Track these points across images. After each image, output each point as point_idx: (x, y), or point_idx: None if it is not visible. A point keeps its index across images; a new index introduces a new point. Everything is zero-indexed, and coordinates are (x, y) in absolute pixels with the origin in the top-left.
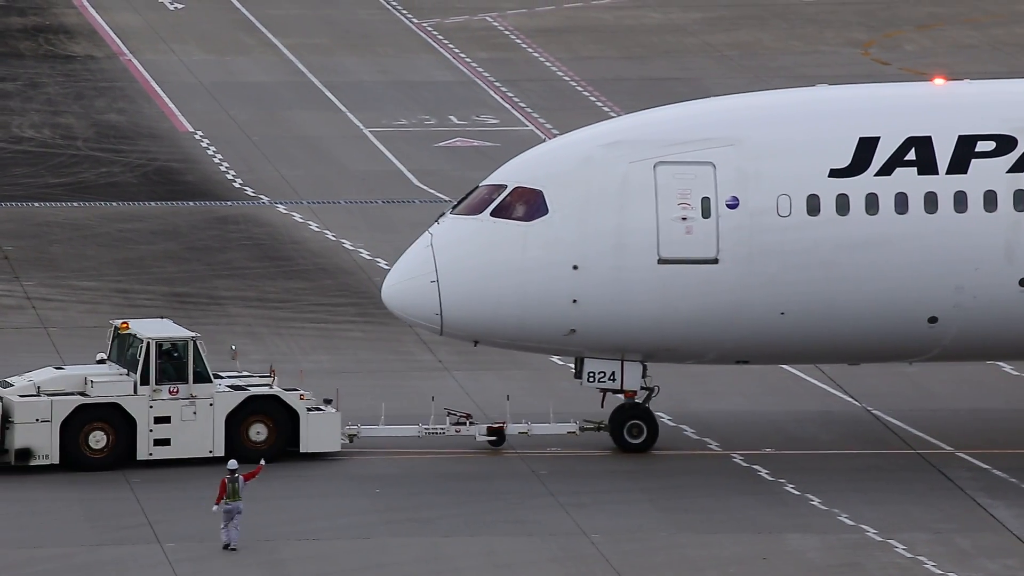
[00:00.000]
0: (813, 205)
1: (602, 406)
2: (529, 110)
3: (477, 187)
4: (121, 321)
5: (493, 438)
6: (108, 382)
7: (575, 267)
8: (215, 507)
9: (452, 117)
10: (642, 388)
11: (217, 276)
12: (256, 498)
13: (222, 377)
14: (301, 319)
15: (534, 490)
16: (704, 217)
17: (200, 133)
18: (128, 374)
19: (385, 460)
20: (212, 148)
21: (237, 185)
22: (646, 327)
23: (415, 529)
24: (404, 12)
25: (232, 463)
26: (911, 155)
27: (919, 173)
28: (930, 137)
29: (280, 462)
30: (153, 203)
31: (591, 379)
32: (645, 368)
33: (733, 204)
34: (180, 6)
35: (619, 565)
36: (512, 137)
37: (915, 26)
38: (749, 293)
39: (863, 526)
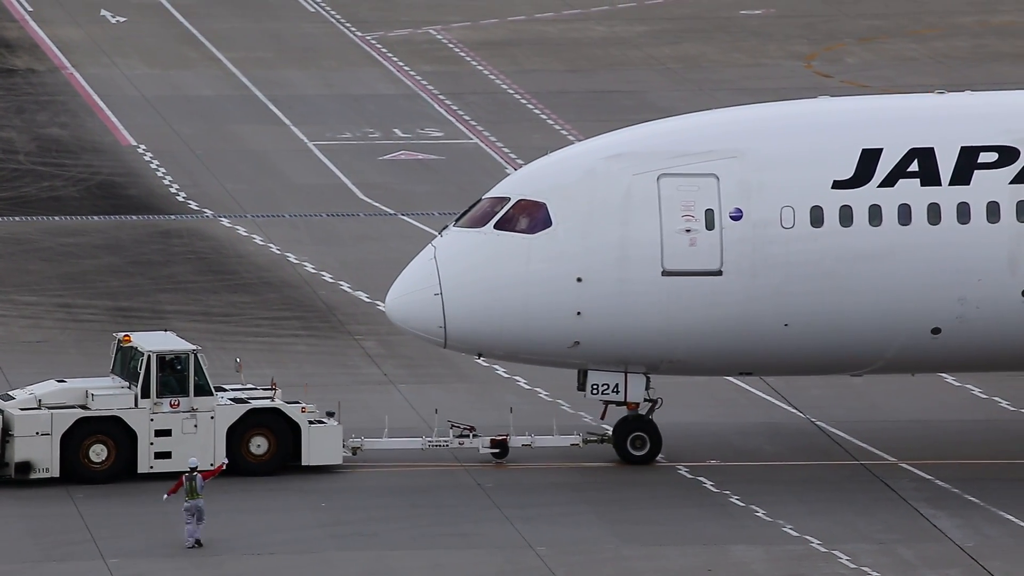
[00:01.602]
0: (816, 217)
1: (602, 418)
2: (474, 123)
3: (480, 199)
4: (123, 334)
5: (496, 451)
6: (109, 395)
7: (579, 279)
8: (165, 497)
9: (396, 130)
10: (645, 400)
11: (161, 290)
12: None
13: (225, 390)
14: (245, 333)
15: (480, 503)
16: (708, 229)
17: (143, 147)
18: (130, 387)
19: (331, 474)
20: (155, 162)
21: (181, 199)
22: (650, 339)
23: (361, 543)
24: (348, 25)
25: (192, 461)
26: (914, 166)
27: (922, 184)
28: (933, 148)
29: (231, 476)
30: (96, 217)
31: (595, 391)
32: (648, 380)
33: (737, 216)
34: (122, 19)
35: None
36: (457, 150)
37: (857, 39)
38: (753, 305)
39: (807, 537)
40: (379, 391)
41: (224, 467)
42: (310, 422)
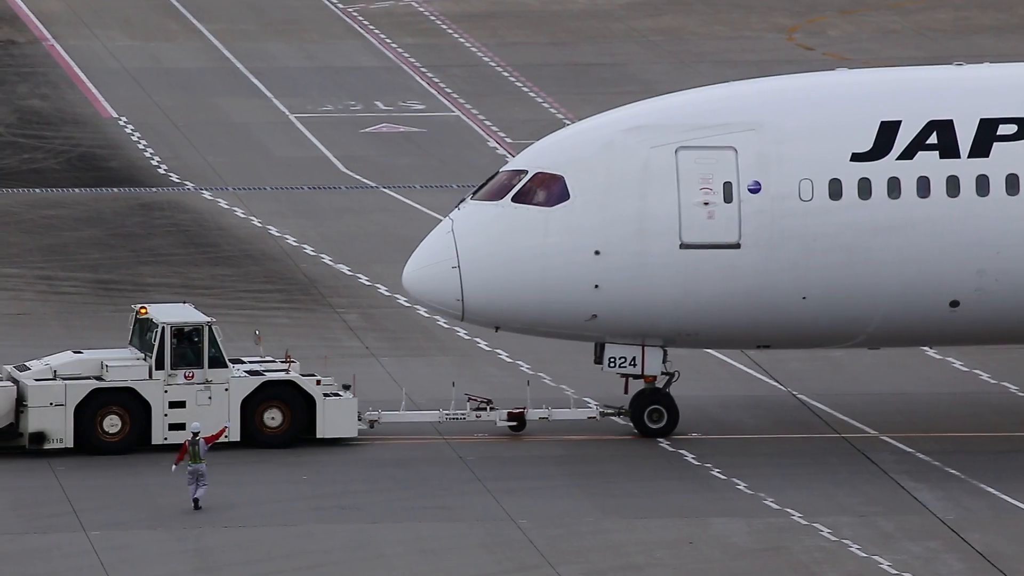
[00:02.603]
0: (835, 189)
1: (625, 392)
2: (455, 96)
3: (498, 172)
4: (140, 305)
5: (514, 423)
6: (123, 367)
7: (597, 252)
8: (174, 467)
9: (378, 103)
10: (662, 373)
11: (142, 263)
12: (181, 486)
13: (243, 362)
14: (227, 306)
15: (461, 476)
16: (726, 202)
17: (124, 119)
18: (145, 359)
19: (313, 447)
20: (137, 134)
21: (162, 171)
22: (668, 312)
23: (342, 516)
24: None
25: (195, 425)
26: (933, 139)
27: (941, 157)
28: (952, 120)
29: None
30: (77, 189)
31: (612, 364)
32: (665, 353)
33: (755, 189)
34: None
35: (546, 550)
36: (438, 123)
37: (839, 12)
38: (771, 278)
39: (788, 510)
40: (361, 364)
41: (226, 431)
42: (325, 395)
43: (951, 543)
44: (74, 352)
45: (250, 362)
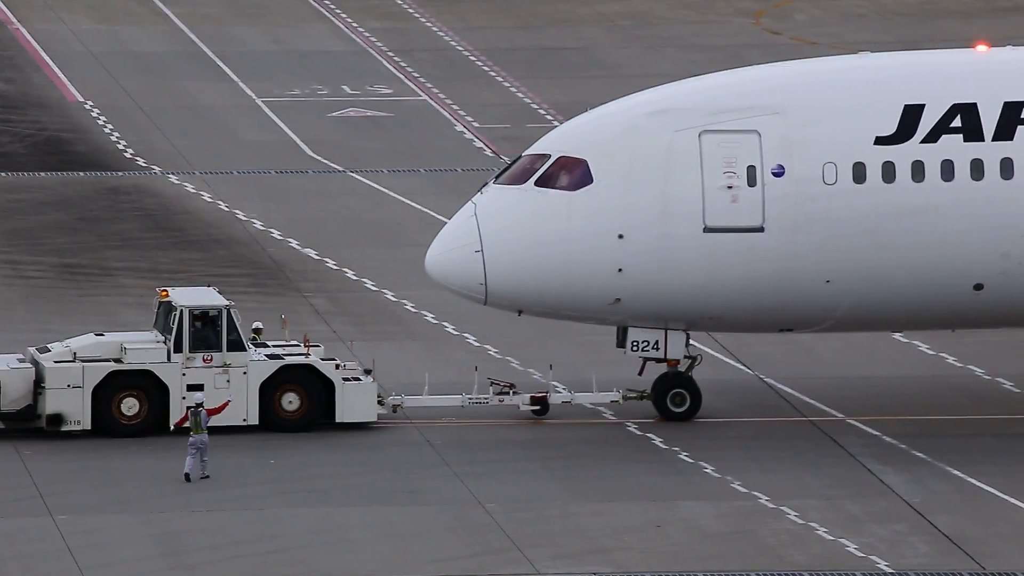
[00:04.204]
0: (859, 173)
1: (640, 375)
2: (422, 80)
3: (520, 156)
4: (162, 288)
5: (537, 407)
6: (142, 349)
7: (620, 236)
8: (172, 426)
9: (345, 87)
10: (685, 357)
11: (108, 247)
12: (149, 470)
13: (267, 346)
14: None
15: (429, 460)
16: (750, 185)
17: (90, 103)
18: (166, 342)
19: (280, 432)
20: (103, 118)
21: (128, 155)
22: (691, 296)
23: (309, 500)
24: None
25: (198, 396)
26: (956, 122)
27: (965, 140)
28: (975, 104)
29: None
30: (43, 173)
31: (635, 348)
32: (688, 337)
33: (779, 172)
34: None
35: (514, 534)
36: (405, 107)
37: None
38: (795, 261)
39: (756, 493)
40: (329, 349)
41: (228, 403)
42: (345, 379)
43: (917, 526)
44: (96, 334)
45: (274, 346)
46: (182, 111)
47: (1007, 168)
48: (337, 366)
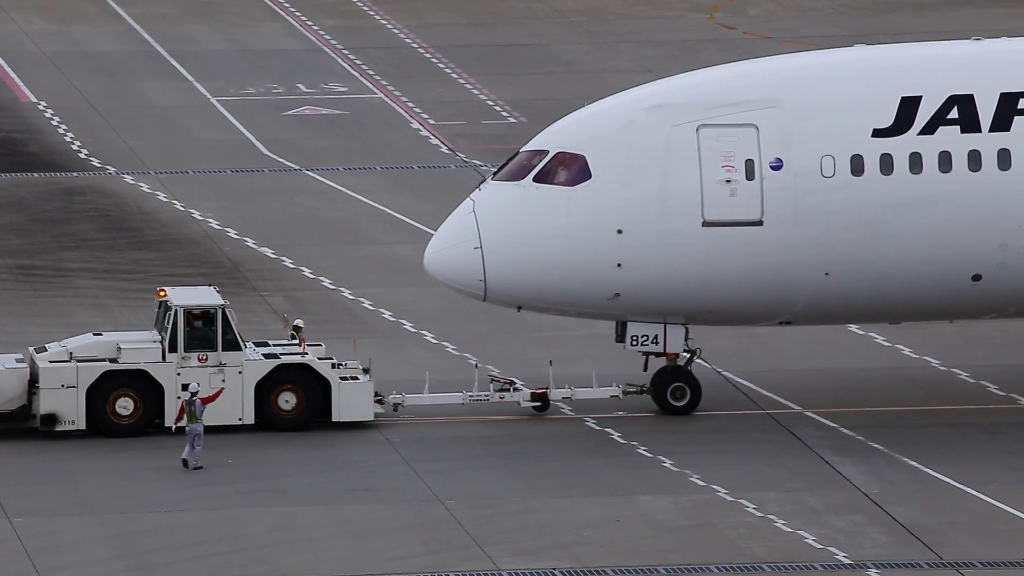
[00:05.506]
0: (857, 165)
1: (645, 370)
2: (378, 77)
3: (518, 152)
4: (160, 288)
5: (538, 404)
6: (136, 349)
7: (619, 231)
8: (173, 427)
9: (300, 85)
10: (684, 351)
11: (64, 248)
12: (108, 472)
13: (269, 345)
14: (150, 290)
15: (387, 458)
16: (748, 179)
17: (44, 103)
18: (162, 341)
19: (238, 431)
20: (56, 119)
21: (83, 156)
22: (691, 290)
23: (268, 499)
24: None
25: (193, 386)
26: (954, 113)
27: (962, 131)
28: (972, 95)
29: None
30: None
31: (634, 343)
32: (687, 331)
33: (777, 166)
34: None
35: (474, 531)
36: (361, 105)
37: None
38: (794, 254)
39: (714, 486)
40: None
41: (222, 391)
42: (342, 378)
43: (875, 517)
44: (94, 334)
45: (275, 345)
46: (137, 111)
47: (1004, 159)
48: (334, 365)
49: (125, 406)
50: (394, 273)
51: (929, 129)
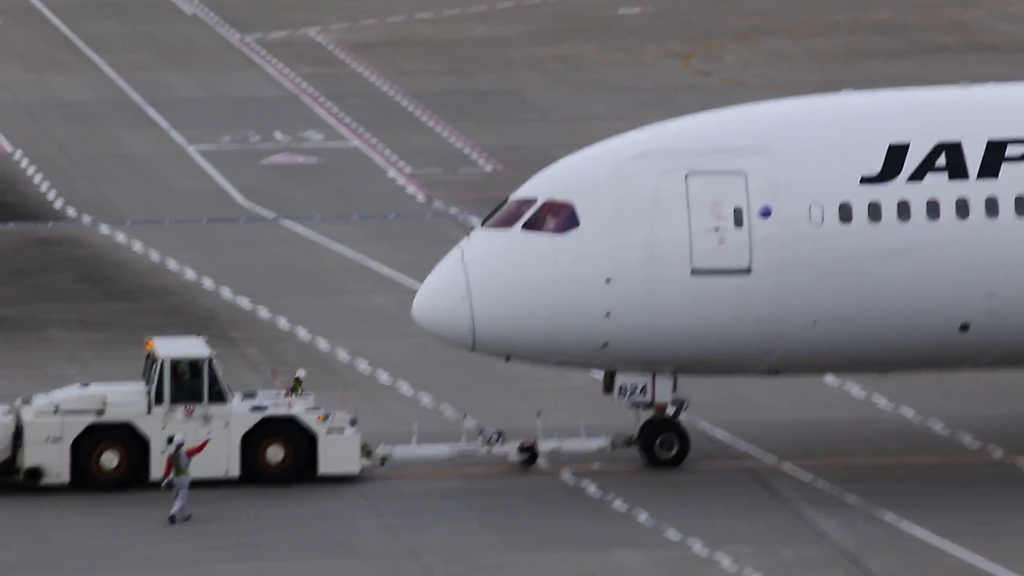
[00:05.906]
0: (845, 213)
1: (639, 422)
2: (355, 125)
3: (507, 200)
4: (147, 339)
5: (527, 456)
6: (122, 401)
7: (608, 280)
8: (163, 484)
9: (277, 133)
10: (672, 402)
11: (38, 299)
12: (80, 527)
13: (255, 397)
14: (126, 341)
15: (362, 512)
16: (737, 227)
17: (19, 153)
18: (148, 393)
19: (211, 487)
20: (32, 168)
21: (58, 206)
22: (680, 339)
23: (243, 555)
24: (226, 27)
25: (178, 437)
26: (941, 161)
27: (950, 179)
28: (960, 143)
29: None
30: None
31: (622, 393)
32: (675, 381)
33: (766, 213)
34: None
35: None
36: (338, 153)
37: (734, 37)
38: (782, 303)
39: (689, 541)
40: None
41: (208, 442)
42: (329, 431)
43: (850, 571)
44: (82, 385)
45: (263, 396)
46: (112, 160)
47: (992, 207)
48: (321, 417)
49: (110, 459)
50: (371, 323)
51: (917, 176)
